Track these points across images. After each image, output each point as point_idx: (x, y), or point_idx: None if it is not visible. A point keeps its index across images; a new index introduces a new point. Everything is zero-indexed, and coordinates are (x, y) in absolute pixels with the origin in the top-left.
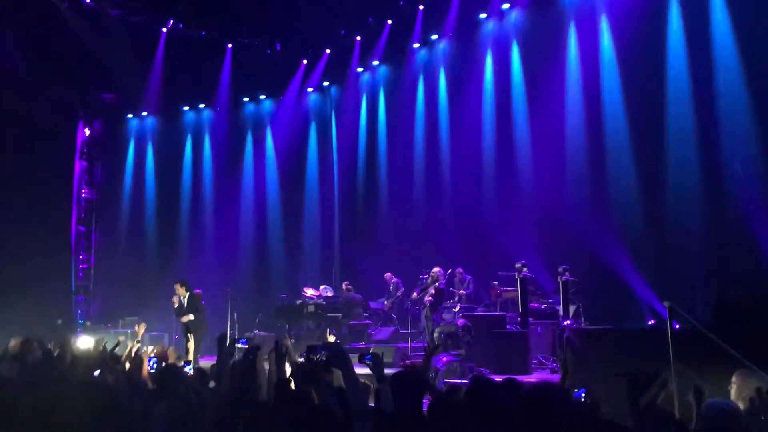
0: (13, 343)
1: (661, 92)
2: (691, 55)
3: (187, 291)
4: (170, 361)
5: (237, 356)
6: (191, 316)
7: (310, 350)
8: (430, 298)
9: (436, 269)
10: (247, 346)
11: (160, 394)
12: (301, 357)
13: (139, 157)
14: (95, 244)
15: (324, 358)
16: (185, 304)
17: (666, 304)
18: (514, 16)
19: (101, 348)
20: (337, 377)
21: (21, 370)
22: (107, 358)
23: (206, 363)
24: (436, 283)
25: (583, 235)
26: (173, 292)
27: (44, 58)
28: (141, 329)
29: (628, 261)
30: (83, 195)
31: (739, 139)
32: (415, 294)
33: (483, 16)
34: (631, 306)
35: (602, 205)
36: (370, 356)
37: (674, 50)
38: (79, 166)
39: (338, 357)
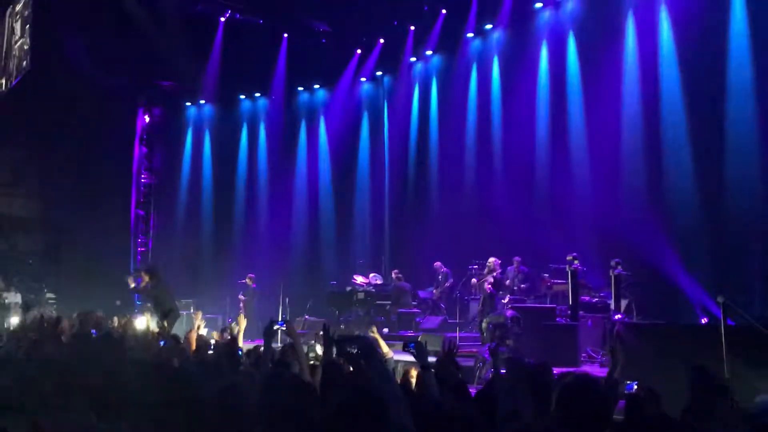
0: (71, 320)
1: (721, 85)
2: (754, 46)
3: (152, 279)
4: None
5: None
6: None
7: (341, 345)
8: (489, 286)
9: (492, 259)
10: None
11: (217, 372)
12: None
13: (196, 144)
14: (153, 228)
15: (356, 351)
16: (150, 293)
17: (720, 299)
18: (571, 5)
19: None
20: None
21: (81, 349)
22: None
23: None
24: (493, 273)
25: (637, 229)
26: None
27: (106, 46)
28: (198, 317)
29: (682, 257)
30: (143, 180)
31: None
32: (474, 280)
33: (539, 5)
34: (683, 303)
35: (658, 201)
36: (413, 344)
37: (737, 41)
38: (138, 151)
39: (368, 351)
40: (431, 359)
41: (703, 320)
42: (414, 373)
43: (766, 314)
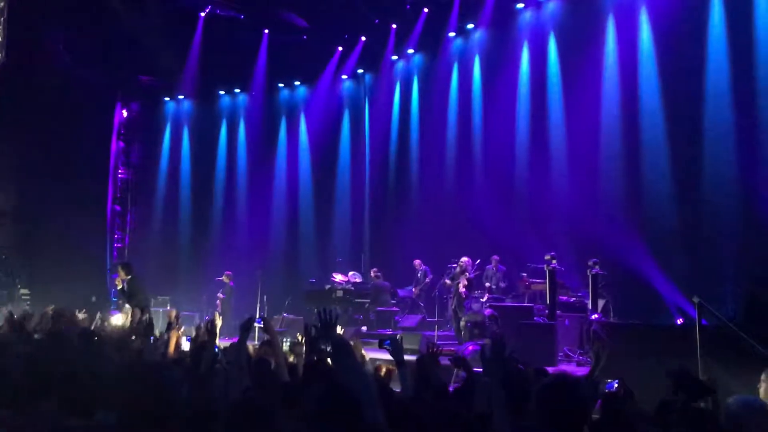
0: (43, 316)
1: (699, 88)
2: (732, 51)
3: (128, 275)
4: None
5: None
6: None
7: (314, 342)
8: (464, 289)
9: (464, 259)
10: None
11: (194, 370)
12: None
13: (175, 139)
14: (130, 224)
15: (329, 348)
16: (126, 288)
17: (695, 299)
18: (552, 7)
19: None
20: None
21: (56, 346)
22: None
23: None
24: (466, 273)
25: (614, 230)
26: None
27: (85, 39)
28: (172, 314)
29: (658, 258)
30: (120, 175)
31: None
32: (447, 281)
33: (520, 6)
34: (659, 304)
35: (635, 201)
36: (389, 341)
37: (715, 45)
38: (116, 146)
39: (341, 349)
40: (408, 357)
41: (679, 320)
42: (384, 368)
43: (740, 315)
